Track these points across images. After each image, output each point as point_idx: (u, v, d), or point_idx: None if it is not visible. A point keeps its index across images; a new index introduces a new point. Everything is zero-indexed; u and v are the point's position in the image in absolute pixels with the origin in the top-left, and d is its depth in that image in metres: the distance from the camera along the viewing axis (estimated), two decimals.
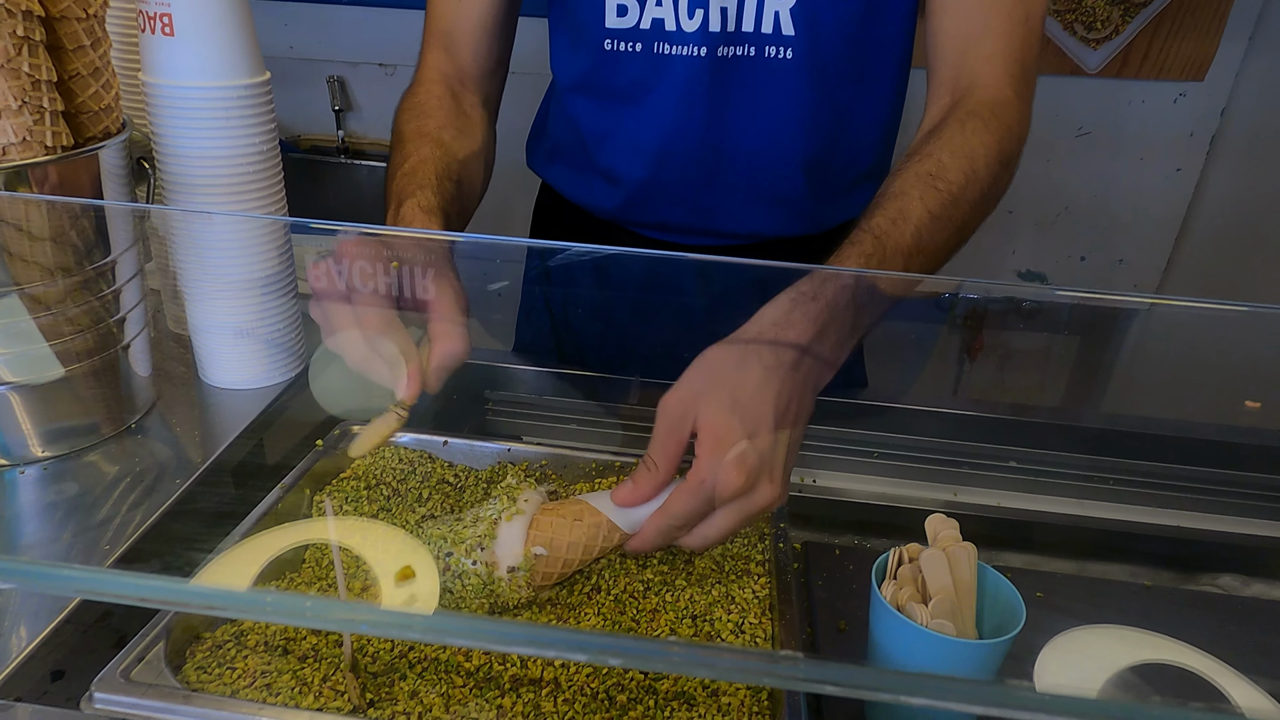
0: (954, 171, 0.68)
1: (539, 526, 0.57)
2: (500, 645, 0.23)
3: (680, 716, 0.50)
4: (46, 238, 0.59)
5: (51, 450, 0.68)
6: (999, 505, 0.81)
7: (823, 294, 0.58)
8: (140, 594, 0.22)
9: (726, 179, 0.87)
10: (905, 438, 0.86)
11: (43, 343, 0.63)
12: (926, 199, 0.66)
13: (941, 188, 0.67)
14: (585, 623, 0.56)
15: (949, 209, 0.66)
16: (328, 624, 0.22)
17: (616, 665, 0.20)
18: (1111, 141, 1.99)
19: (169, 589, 0.22)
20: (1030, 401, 0.96)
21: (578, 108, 0.90)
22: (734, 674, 0.19)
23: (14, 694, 0.51)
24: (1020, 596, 0.51)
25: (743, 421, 0.54)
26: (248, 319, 0.75)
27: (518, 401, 0.93)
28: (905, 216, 0.65)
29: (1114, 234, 2.10)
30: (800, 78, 0.81)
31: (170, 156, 0.69)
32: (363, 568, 0.59)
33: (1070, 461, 0.84)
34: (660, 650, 0.21)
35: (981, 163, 0.69)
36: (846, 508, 0.78)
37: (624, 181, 0.90)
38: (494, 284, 0.64)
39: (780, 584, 0.59)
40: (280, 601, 0.24)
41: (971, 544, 0.51)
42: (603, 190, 0.92)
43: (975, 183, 0.68)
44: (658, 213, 0.91)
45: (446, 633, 0.22)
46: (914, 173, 0.68)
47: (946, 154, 0.69)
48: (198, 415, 0.75)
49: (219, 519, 0.62)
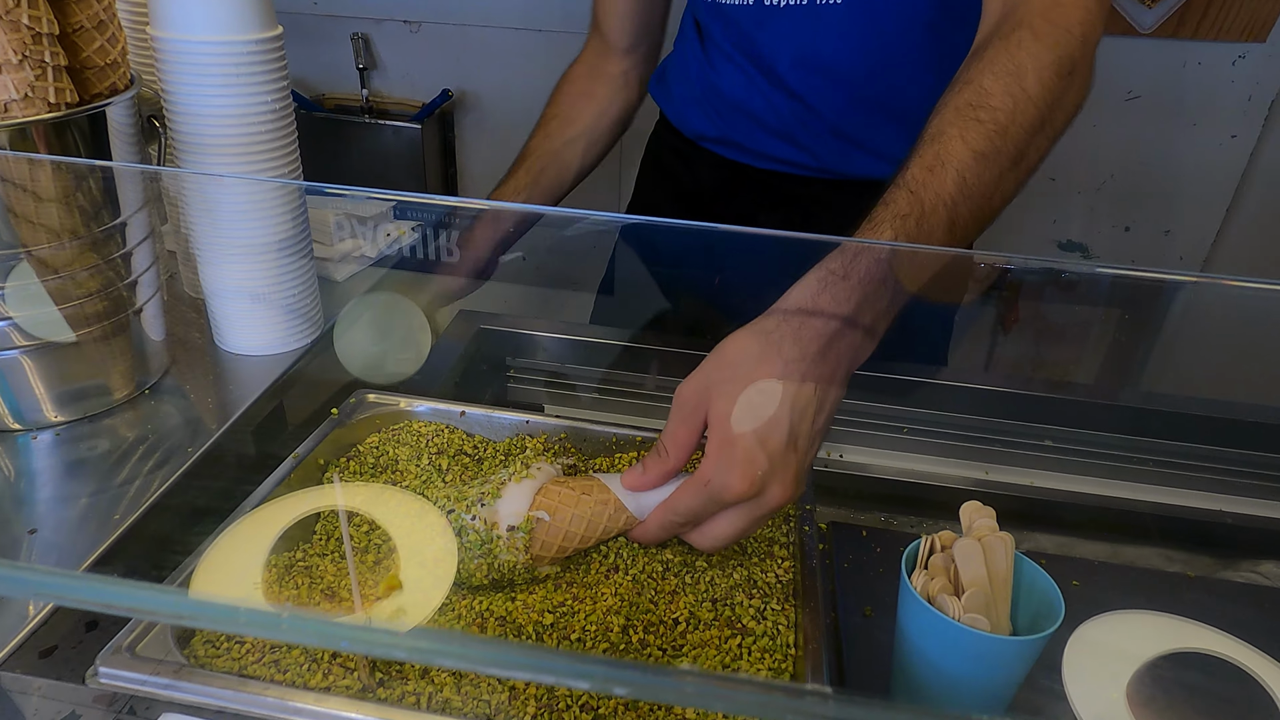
0: (998, 96, 0.59)
1: (546, 494, 0.56)
2: (498, 669, 0.21)
3: None
4: (53, 199, 0.57)
5: (64, 415, 0.67)
6: (1032, 485, 0.78)
7: (853, 271, 0.53)
8: (110, 601, 0.20)
9: (825, 121, 0.88)
10: (936, 413, 0.83)
11: (52, 306, 0.61)
12: (968, 135, 0.58)
13: (985, 118, 0.58)
14: (601, 603, 0.55)
15: (996, 141, 0.58)
16: (307, 639, 0.20)
17: (621, 694, 0.18)
18: (1163, 106, 1.91)
19: (139, 597, 0.20)
20: (1067, 378, 0.92)
21: (690, 41, 0.95)
22: (753, 708, 0.17)
23: (49, 643, 0.50)
24: (1059, 591, 0.48)
25: (755, 421, 0.51)
26: (262, 284, 0.73)
27: (541, 369, 0.91)
28: (944, 160, 0.57)
29: (1161, 204, 2.02)
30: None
31: (180, 115, 0.66)
32: (376, 537, 0.58)
33: (1107, 441, 0.81)
34: (671, 681, 0.19)
35: (1031, 78, 0.60)
36: (874, 484, 0.76)
37: (728, 121, 0.93)
38: (509, 254, 0.62)
39: (805, 568, 0.57)
40: (255, 616, 0.22)
41: (1009, 534, 0.49)
42: (702, 122, 0.97)
43: (1027, 105, 0.59)
44: (757, 143, 0.93)
45: (434, 654, 0.21)
46: (952, 106, 0.60)
47: (989, 77, 0.60)
48: (212, 381, 0.74)
49: (233, 487, 0.61)
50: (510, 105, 2.11)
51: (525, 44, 2.03)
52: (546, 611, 0.53)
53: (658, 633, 0.53)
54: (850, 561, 0.64)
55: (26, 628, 0.50)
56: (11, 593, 0.45)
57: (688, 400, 0.54)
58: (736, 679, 0.16)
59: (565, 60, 1.05)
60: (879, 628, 0.58)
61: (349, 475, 0.64)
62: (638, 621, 0.53)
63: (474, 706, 0.46)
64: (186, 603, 0.22)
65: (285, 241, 0.72)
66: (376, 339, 0.59)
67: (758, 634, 0.53)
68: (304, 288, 0.77)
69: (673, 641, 0.52)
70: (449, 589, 0.53)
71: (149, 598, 0.21)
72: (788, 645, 0.52)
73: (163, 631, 0.48)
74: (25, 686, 0.46)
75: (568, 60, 1.05)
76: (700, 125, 0.97)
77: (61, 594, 0.21)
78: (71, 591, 0.20)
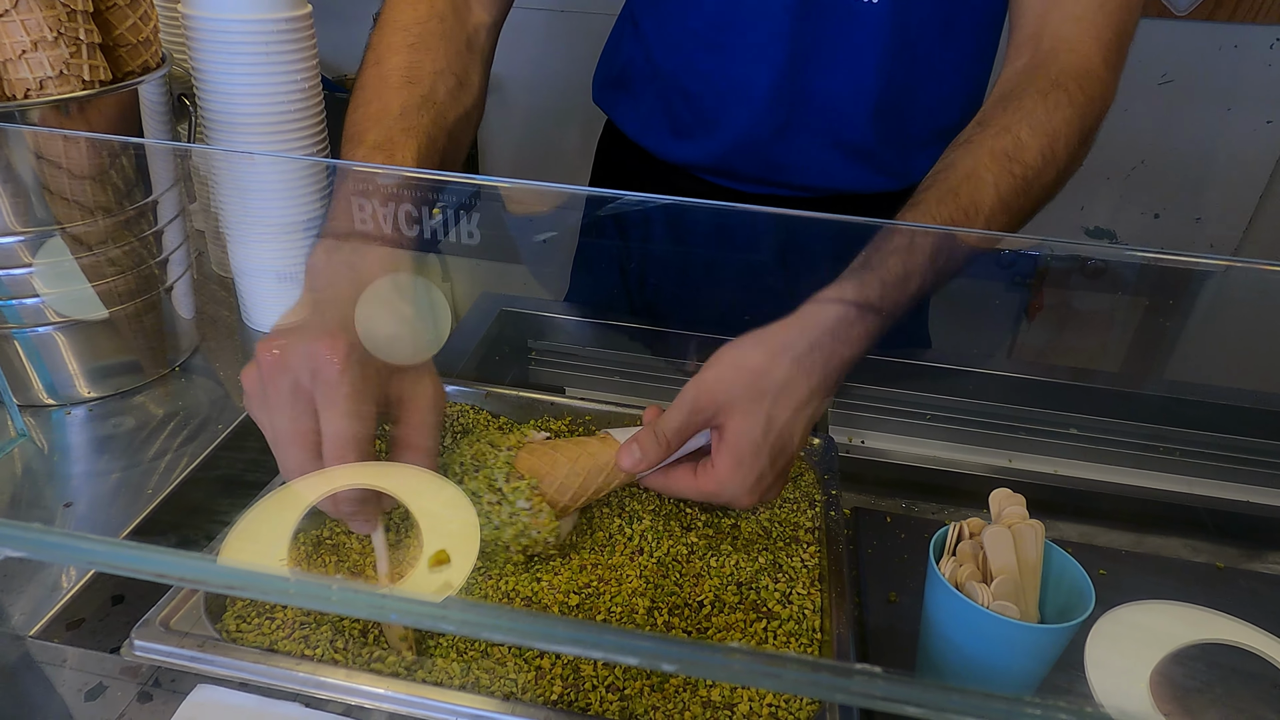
0: (1032, 152, 0.61)
1: (537, 451, 0.58)
2: (543, 642, 0.21)
3: (724, 681, 0.49)
4: (86, 176, 0.58)
5: (96, 391, 0.68)
6: (1056, 473, 0.77)
7: (885, 304, 0.55)
8: (158, 569, 0.20)
9: (801, 127, 0.82)
10: (960, 400, 0.82)
11: (85, 283, 0.62)
12: (1001, 184, 0.60)
13: (1018, 172, 0.60)
14: (627, 585, 0.55)
15: (1020, 196, 0.60)
16: (358, 610, 0.20)
17: (671, 670, 0.18)
18: (1197, 90, 1.87)
19: (188, 565, 0.21)
20: (1093, 366, 0.91)
21: (651, 41, 0.85)
22: (801, 687, 0.17)
23: (78, 615, 0.51)
24: (1089, 579, 0.48)
25: (772, 449, 0.53)
26: (290, 262, 0.74)
27: (562, 352, 0.91)
28: (978, 207, 0.59)
29: (1192, 190, 1.99)
30: (882, 26, 0.75)
31: (211, 93, 0.67)
32: (397, 515, 0.58)
33: (1134, 430, 0.80)
34: (720, 659, 0.19)
35: (1062, 143, 0.62)
36: (897, 470, 0.76)
37: (701, 128, 0.85)
38: (541, 234, 0.62)
39: (831, 553, 0.57)
40: (305, 587, 0.22)
41: (1039, 522, 0.48)
42: (669, 132, 0.88)
43: (1052, 165, 0.62)
44: (727, 160, 0.86)
45: (483, 626, 0.21)
46: (988, 150, 0.61)
47: (1025, 130, 0.62)
48: (241, 359, 0.75)
49: (261, 463, 0.62)
50: (533, 85, 2.10)
51: (549, 24, 2.02)
52: (572, 593, 0.54)
53: (683, 615, 0.53)
54: (874, 547, 0.64)
55: (60, 602, 0.51)
56: (65, 560, 0.45)
57: (703, 403, 0.54)
58: (783, 657, 0.16)
59: (589, 40, 1.02)
60: (903, 613, 0.58)
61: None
62: (663, 604, 0.53)
63: (500, 685, 0.47)
64: (236, 572, 0.22)
65: (314, 221, 0.73)
66: (397, 319, 0.59)
67: (783, 618, 0.53)
68: None
69: (698, 624, 0.53)
70: (474, 562, 0.53)
71: (200, 567, 0.21)
72: (814, 629, 0.52)
73: (195, 606, 0.49)
74: (55, 657, 0.47)
75: (591, 40, 1.01)
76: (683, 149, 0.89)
77: (116, 562, 0.21)
78: (127, 560, 0.21)
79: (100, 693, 0.45)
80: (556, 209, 0.81)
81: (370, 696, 0.44)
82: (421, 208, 0.56)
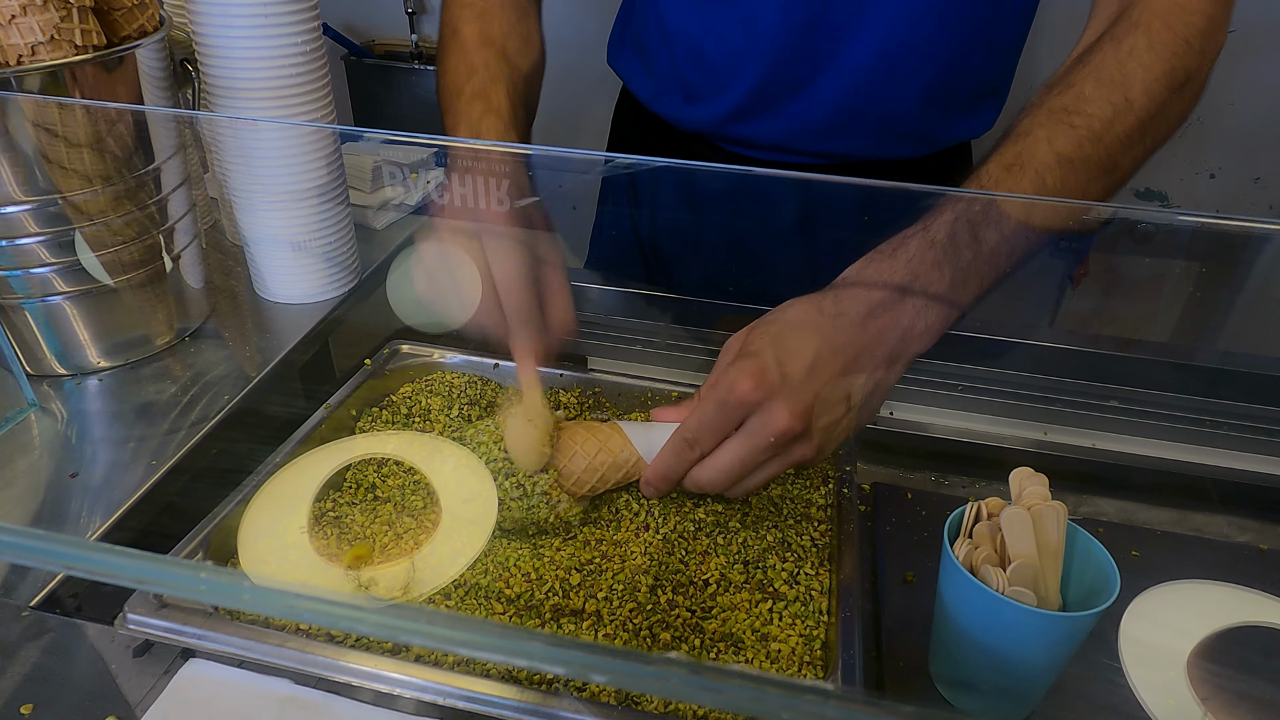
0: (1096, 103, 0.57)
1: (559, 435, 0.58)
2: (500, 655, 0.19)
3: (726, 659, 0.47)
4: (84, 144, 0.57)
5: (107, 361, 0.68)
6: (1094, 446, 0.74)
7: (921, 270, 0.53)
8: (129, 575, 0.19)
9: (828, 93, 0.77)
10: (993, 370, 0.79)
11: (89, 253, 0.61)
12: (1055, 139, 0.56)
13: (1078, 124, 0.56)
14: (631, 562, 0.53)
15: (1087, 148, 0.56)
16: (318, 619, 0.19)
17: (602, 682, 0.17)
18: (1260, 41, 1.76)
19: (153, 570, 0.19)
20: (1138, 335, 0.87)
21: (662, 1, 0.81)
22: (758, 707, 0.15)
23: (80, 587, 0.51)
24: (1114, 564, 0.45)
25: (778, 342, 0.51)
26: (298, 231, 0.73)
27: (581, 320, 0.89)
28: (1024, 161, 0.55)
29: (1251, 149, 1.88)
30: None
31: (212, 58, 0.65)
32: (409, 485, 0.58)
33: (1178, 403, 0.76)
34: (654, 670, 0.17)
35: (1139, 89, 0.57)
36: (925, 442, 0.73)
37: (713, 89, 0.81)
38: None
39: (842, 532, 0.55)
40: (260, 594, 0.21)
41: (1062, 504, 0.45)
42: (686, 99, 0.84)
43: (1126, 113, 0.57)
44: (749, 128, 0.82)
45: (402, 631, 0.19)
46: (1045, 108, 0.57)
47: (1090, 83, 0.57)
48: (250, 329, 0.74)
49: (269, 435, 0.62)
50: (559, 50, 2.06)
51: None
52: (574, 569, 0.52)
53: (687, 594, 0.51)
54: (893, 524, 0.62)
55: (59, 575, 0.51)
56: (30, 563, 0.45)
57: (731, 347, 0.54)
58: (738, 672, 0.14)
59: (615, 6, 0.98)
60: (920, 595, 0.56)
61: (380, 425, 0.63)
62: (667, 581, 0.52)
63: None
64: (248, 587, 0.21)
65: (321, 188, 0.71)
66: (427, 287, 0.59)
67: (790, 599, 0.51)
68: (341, 235, 0.76)
69: (702, 603, 0.51)
70: (489, 536, 0.53)
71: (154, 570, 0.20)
72: (820, 611, 0.50)
73: None
74: (56, 627, 0.47)
75: (617, 6, 0.97)
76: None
77: (87, 567, 0.20)
78: (101, 565, 0.19)
79: (98, 664, 0.45)
80: (571, 174, 0.79)
81: (359, 675, 0.43)
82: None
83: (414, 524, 0.55)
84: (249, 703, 0.43)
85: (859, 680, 0.45)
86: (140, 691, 0.44)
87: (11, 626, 0.47)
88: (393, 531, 0.55)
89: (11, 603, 0.48)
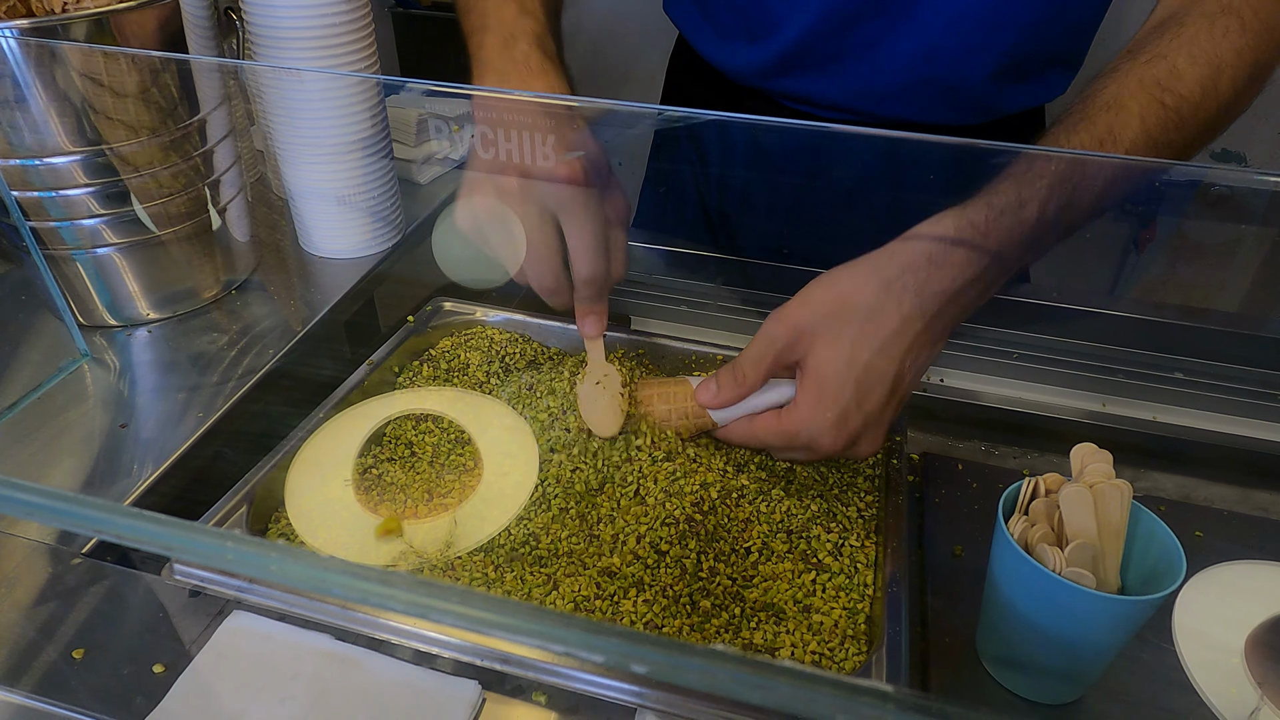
0: (1190, 82, 0.53)
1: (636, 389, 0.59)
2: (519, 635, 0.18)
3: (767, 629, 0.47)
4: (129, 94, 0.57)
5: (156, 313, 0.68)
6: (1155, 419, 0.71)
7: (993, 233, 0.49)
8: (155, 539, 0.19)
9: (898, 56, 0.73)
10: (1050, 339, 0.75)
11: (136, 205, 0.61)
12: (1148, 116, 0.52)
13: (1170, 103, 0.53)
14: (674, 528, 0.52)
15: (1173, 132, 0.53)
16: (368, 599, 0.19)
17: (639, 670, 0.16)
18: None
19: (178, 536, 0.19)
20: (1206, 305, 0.82)
21: None
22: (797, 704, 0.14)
23: None
24: (1180, 547, 0.43)
25: (857, 384, 0.49)
26: (343, 185, 0.72)
27: (628, 279, 0.88)
28: (1117, 138, 0.52)
29: None
30: None
31: (255, 5, 0.64)
32: (449, 439, 0.58)
33: (1246, 375, 0.73)
34: (700, 662, 0.16)
35: (1227, 76, 0.54)
36: (977, 411, 0.71)
37: (773, 39, 0.77)
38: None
39: (890, 504, 0.53)
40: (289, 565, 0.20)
41: (1126, 482, 0.43)
42: (746, 49, 0.80)
43: (1213, 99, 0.54)
44: (809, 83, 0.79)
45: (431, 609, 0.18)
46: (1137, 78, 0.53)
47: (1184, 58, 0.54)
48: (295, 283, 0.74)
49: (313, 388, 0.62)
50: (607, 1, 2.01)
51: None
52: (618, 533, 0.52)
53: (729, 561, 0.50)
54: (942, 496, 0.60)
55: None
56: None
57: (783, 335, 0.52)
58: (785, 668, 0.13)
59: None
60: (969, 569, 0.54)
61: (421, 380, 0.63)
62: (709, 549, 0.51)
63: None
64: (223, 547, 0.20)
65: (365, 140, 0.70)
66: (472, 243, 0.58)
67: (834, 570, 0.50)
68: (385, 190, 0.75)
69: (744, 571, 0.50)
70: (530, 494, 0.53)
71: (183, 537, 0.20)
72: (865, 584, 0.49)
73: (239, 524, 0.49)
74: (107, 575, 0.47)
75: None
76: None
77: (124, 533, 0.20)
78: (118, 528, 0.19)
79: (147, 612, 0.46)
80: (617, 128, 0.76)
81: (399, 633, 0.43)
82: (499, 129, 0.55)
83: (455, 481, 0.55)
84: (290, 656, 0.43)
85: (904, 657, 0.44)
86: (188, 640, 0.44)
87: (64, 573, 0.48)
88: (435, 487, 0.55)
89: (64, 549, 0.49)
